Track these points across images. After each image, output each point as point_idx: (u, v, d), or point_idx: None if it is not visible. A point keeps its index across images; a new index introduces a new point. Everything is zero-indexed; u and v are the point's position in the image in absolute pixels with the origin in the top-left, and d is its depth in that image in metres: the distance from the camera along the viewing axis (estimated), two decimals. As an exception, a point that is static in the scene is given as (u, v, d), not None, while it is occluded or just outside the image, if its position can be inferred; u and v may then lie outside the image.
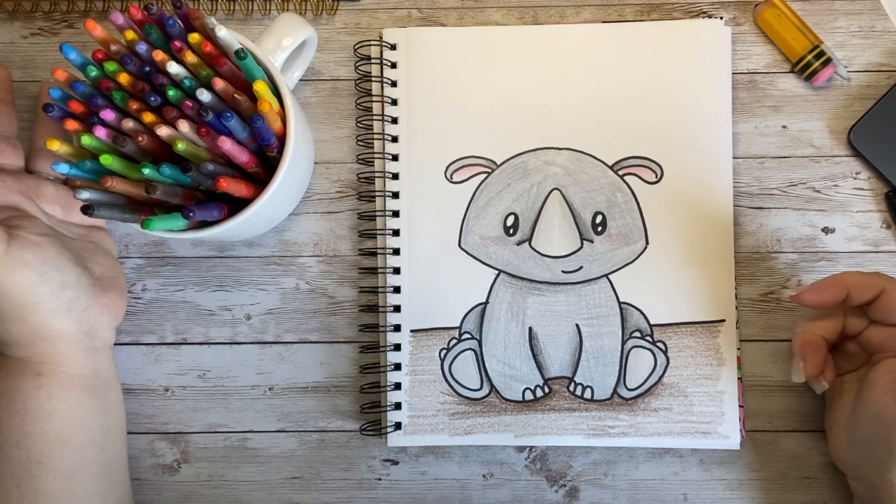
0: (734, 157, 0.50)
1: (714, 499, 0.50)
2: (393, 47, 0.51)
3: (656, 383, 0.49)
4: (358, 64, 0.52)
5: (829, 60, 0.50)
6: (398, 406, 0.49)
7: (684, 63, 0.50)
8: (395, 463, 0.50)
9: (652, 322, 0.49)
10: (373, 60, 0.51)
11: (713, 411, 0.48)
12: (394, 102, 0.51)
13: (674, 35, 0.51)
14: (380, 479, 0.50)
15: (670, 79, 0.50)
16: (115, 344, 0.51)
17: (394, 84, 0.51)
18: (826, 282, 0.44)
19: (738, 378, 0.49)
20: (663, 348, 0.49)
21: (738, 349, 0.49)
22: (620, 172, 0.50)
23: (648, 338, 0.49)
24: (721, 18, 0.51)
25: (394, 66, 0.51)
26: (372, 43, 0.52)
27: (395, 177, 0.51)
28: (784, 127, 0.51)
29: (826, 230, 0.51)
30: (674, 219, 0.50)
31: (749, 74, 0.51)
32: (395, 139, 0.51)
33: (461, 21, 0.52)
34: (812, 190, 0.51)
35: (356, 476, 0.50)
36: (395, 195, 0.50)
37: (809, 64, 0.50)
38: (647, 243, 0.50)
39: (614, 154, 0.50)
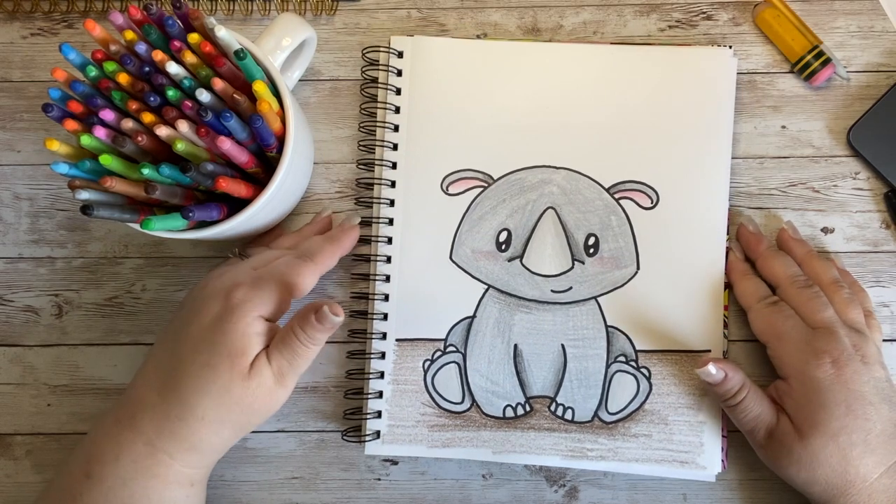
0: (733, 158, 0.50)
1: (714, 499, 0.50)
2: (400, 54, 0.51)
3: (638, 409, 0.49)
4: (364, 69, 0.52)
5: (828, 60, 0.50)
6: (379, 415, 0.49)
7: (689, 91, 0.50)
8: (395, 463, 0.50)
9: (637, 347, 0.49)
10: (380, 67, 0.51)
11: (693, 441, 0.48)
12: (396, 110, 0.51)
13: (680, 62, 0.50)
14: (379, 480, 0.50)
15: (673, 106, 0.50)
16: (115, 344, 0.51)
17: (398, 92, 0.51)
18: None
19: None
20: (647, 374, 0.49)
21: None
22: (616, 196, 0.50)
23: (633, 363, 0.49)
24: (730, 48, 0.50)
25: (399, 73, 0.51)
26: (380, 49, 0.51)
27: (393, 185, 0.50)
28: (783, 127, 0.51)
29: (825, 230, 0.51)
30: (666, 246, 0.49)
31: (749, 74, 0.51)
32: (395, 147, 0.51)
33: (461, 21, 0.52)
34: (811, 190, 0.51)
35: (356, 476, 0.50)
36: (391, 203, 0.50)
37: (809, 64, 0.50)
38: (638, 268, 0.49)
39: (611, 177, 0.50)
